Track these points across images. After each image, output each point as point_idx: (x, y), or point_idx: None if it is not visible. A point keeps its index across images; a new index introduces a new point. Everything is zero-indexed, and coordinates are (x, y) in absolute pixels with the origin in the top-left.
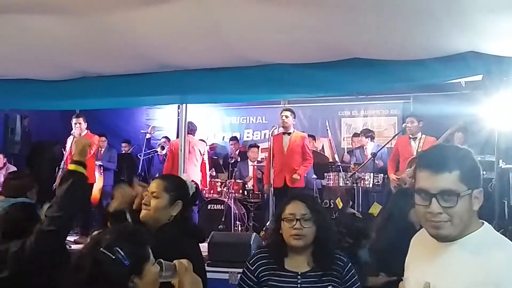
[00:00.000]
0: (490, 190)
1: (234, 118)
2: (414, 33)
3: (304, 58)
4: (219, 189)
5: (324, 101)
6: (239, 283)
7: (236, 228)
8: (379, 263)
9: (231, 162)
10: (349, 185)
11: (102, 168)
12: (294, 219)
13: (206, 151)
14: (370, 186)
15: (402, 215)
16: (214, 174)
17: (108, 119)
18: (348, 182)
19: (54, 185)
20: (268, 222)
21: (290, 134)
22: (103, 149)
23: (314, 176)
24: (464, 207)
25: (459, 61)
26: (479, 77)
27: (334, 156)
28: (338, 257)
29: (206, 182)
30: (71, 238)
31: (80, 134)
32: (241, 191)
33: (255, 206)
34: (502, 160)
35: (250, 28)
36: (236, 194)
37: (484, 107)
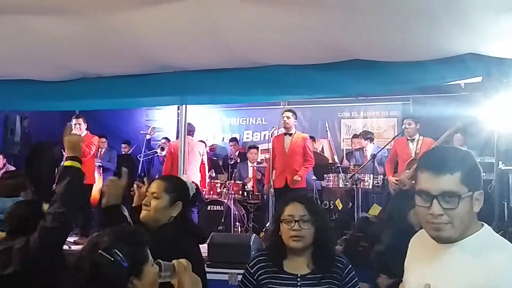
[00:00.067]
0: (489, 191)
1: (233, 119)
2: (413, 34)
3: (304, 59)
4: (219, 190)
5: (324, 102)
6: (240, 286)
7: (235, 229)
8: (380, 265)
9: (231, 163)
10: (348, 186)
11: (101, 168)
12: (292, 221)
13: (205, 152)
14: (370, 187)
15: (402, 217)
16: (213, 175)
17: (107, 120)
18: (347, 183)
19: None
20: (268, 223)
21: (291, 135)
22: (103, 149)
23: (314, 177)
24: (465, 209)
25: (459, 62)
26: (479, 78)
27: (334, 157)
28: (338, 258)
29: (205, 183)
30: (71, 239)
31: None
32: (240, 192)
33: (255, 207)
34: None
35: (250, 29)
36: (235, 195)
37: (483, 109)
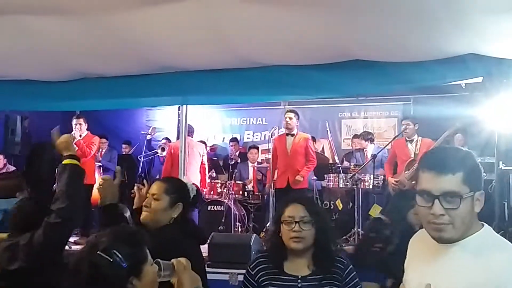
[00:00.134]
0: (490, 191)
1: (234, 120)
2: (414, 34)
3: (304, 60)
4: (219, 190)
5: (324, 102)
6: None
7: (236, 229)
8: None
9: (231, 163)
10: (349, 186)
11: (102, 168)
12: (293, 222)
13: (205, 153)
14: (370, 187)
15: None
16: (214, 175)
17: (108, 120)
18: (348, 183)
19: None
20: (268, 223)
21: (293, 135)
22: (104, 150)
23: (314, 177)
24: (466, 209)
25: (459, 63)
26: (479, 79)
27: (334, 157)
28: (338, 259)
29: (205, 184)
30: (71, 239)
31: (80, 135)
32: (241, 192)
33: (255, 207)
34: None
35: (251, 29)
36: (236, 195)
37: (484, 109)
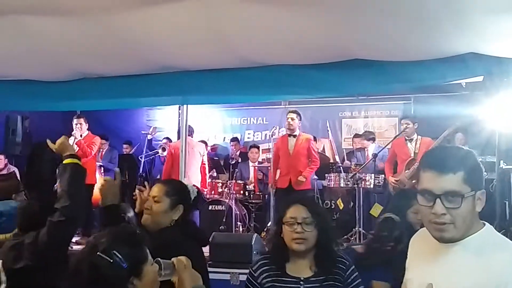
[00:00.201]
0: (491, 191)
1: (235, 119)
2: (414, 34)
3: (304, 59)
4: (220, 190)
5: (324, 102)
6: None
7: (237, 229)
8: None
9: (232, 163)
10: (350, 186)
11: (103, 169)
12: (295, 223)
13: (206, 153)
14: (371, 187)
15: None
16: (215, 175)
17: (108, 120)
18: (349, 183)
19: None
20: (269, 223)
21: (295, 136)
22: (104, 150)
23: (315, 177)
24: (467, 208)
25: (459, 62)
26: (480, 78)
27: (335, 157)
28: (340, 260)
29: (205, 183)
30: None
31: (81, 135)
32: (242, 192)
33: (256, 206)
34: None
35: (251, 29)
36: (237, 195)
37: (484, 108)
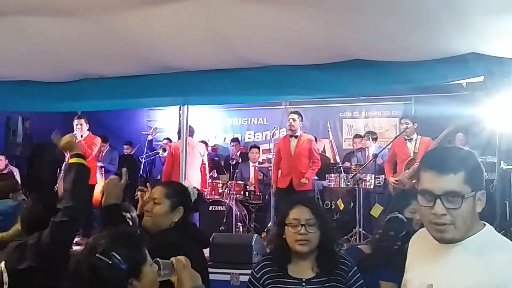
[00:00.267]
0: (491, 191)
1: (235, 120)
2: (414, 34)
3: (305, 60)
4: (221, 190)
5: (325, 102)
6: None
7: (237, 229)
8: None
9: (233, 163)
10: (350, 186)
11: (103, 169)
12: (298, 224)
13: (206, 153)
14: (371, 187)
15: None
16: (215, 175)
17: (109, 121)
18: (349, 183)
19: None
20: (269, 224)
21: (297, 137)
22: (104, 151)
23: (316, 177)
24: (468, 209)
25: (460, 62)
26: (480, 78)
27: (335, 157)
28: (342, 261)
29: (206, 184)
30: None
31: (81, 136)
32: (242, 192)
33: (257, 207)
34: (503, 161)
35: (251, 29)
36: (237, 195)
37: (485, 109)
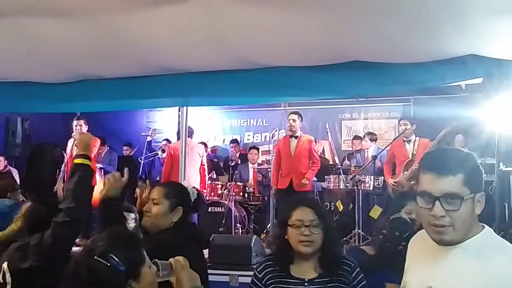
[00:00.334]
0: (490, 193)
1: (234, 121)
2: (414, 35)
3: (304, 61)
4: (220, 191)
5: (324, 103)
6: None
7: (236, 230)
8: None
9: (232, 164)
10: (349, 187)
11: (102, 171)
12: (302, 226)
13: (205, 154)
14: (371, 188)
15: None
16: (214, 176)
17: (108, 122)
18: (348, 184)
19: (55, 187)
20: (269, 225)
21: (297, 137)
22: (103, 152)
23: (315, 178)
24: (467, 211)
25: (459, 64)
26: (480, 80)
27: (335, 158)
28: (345, 261)
29: (205, 185)
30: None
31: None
32: (241, 194)
33: (256, 208)
34: (502, 163)
35: (250, 30)
36: (236, 196)
37: (484, 110)
